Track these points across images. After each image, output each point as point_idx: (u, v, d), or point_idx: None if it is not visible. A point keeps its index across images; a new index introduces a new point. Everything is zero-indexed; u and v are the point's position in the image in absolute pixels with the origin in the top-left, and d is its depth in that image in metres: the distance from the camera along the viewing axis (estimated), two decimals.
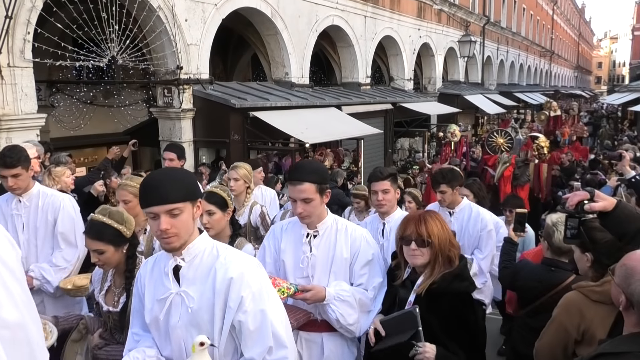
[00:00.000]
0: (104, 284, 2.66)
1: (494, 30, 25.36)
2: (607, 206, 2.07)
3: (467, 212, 3.94)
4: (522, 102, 26.37)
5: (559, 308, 2.26)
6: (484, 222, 3.86)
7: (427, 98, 16.93)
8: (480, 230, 3.84)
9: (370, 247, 2.58)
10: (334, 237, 2.55)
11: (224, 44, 12.26)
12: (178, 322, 1.88)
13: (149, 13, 7.57)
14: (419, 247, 2.25)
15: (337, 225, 2.58)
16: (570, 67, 54.41)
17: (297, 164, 2.62)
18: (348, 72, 13.69)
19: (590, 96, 49.89)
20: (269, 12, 9.98)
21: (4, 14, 5.64)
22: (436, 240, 2.24)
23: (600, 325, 2.03)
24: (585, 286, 2.17)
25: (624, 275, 1.70)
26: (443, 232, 2.28)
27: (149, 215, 1.82)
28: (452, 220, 3.88)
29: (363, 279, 2.56)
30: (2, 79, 5.87)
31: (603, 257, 2.20)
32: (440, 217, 2.35)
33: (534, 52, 35.77)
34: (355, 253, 2.54)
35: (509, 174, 7.65)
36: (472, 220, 3.90)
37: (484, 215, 3.91)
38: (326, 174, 2.62)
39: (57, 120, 10.28)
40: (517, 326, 2.92)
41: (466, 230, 3.90)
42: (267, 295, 1.88)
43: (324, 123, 9.84)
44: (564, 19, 49.23)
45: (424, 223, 2.26)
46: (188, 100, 8.42)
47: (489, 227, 3.85)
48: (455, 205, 3.94)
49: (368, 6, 13.52)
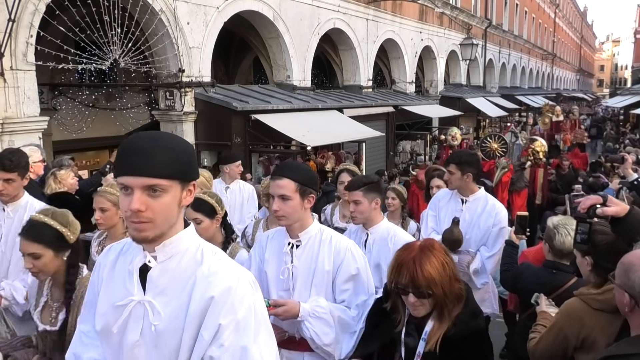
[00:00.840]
0: (39, 299, 2.30)
1: (496, 33, 25.36)
2: (619, 211, 2.04)
3: (481, 204, 3.65)
4: (524, 105, 26.35)
5: (560, 314, 2.24)
6: (498, 218, 3.59)
7: (429, 101, 16.93)
8: (492, 225, 3.59)
9: (355, 260, 2.34)
10: (317, 247, 2.34)
11: (226, 47, 12.28)
12: (137, 340, 1.42)
13: (151, 16, 7.59)
14: (419, 298, 1.88)
15: (321, 235, 2.37)
16: (572, 70, 54.37)
17: (282, 162, 2.66)
18: (350, 75, 13.69)
19: (593, 99, 49.85)
20: (271, 15, 10.00)
21: (7, 17, 5.66)
22: (439, 289, 1.84)
23: (601, 333, 2.01)
24: (586, 293, 2.14)
25: (623, 271, 1.71)
26: (444, 273, 1.87)
27: (120, 186, 1.37)
28: (464, 209, 3.66)
29: (345, 295, 2.33)
30: (5, 82, 5.88)
31: (602, 261, 2.17)
32: (438, 251, 1.92)
33: (536, 55, 35.76)
34: (338, 266, 2.32)
35: (507, 180, 7.48)
36: (485, 213, 3.62)
37: (499, 210, 3.62)
38: (311, 177, 2.36)
39: (59, 123, 10.30)
40: (519, 329, 2.91)
41: (477, 223, 3.64)
42: (255, 326, 1.40)
43: (326, 126, 9.84)
44: (566, 22, 49.23)
45: (420, 269, 1.83)
46: (190, 103, 8.43)
47: (502, 224, 3.59)
48: (469, 194, 3.67)
49: (370, 9, 13.54)
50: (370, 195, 2.91)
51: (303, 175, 2.30)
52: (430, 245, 1.95)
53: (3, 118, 5.87)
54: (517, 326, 3.03)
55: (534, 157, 7.77)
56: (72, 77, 10.68)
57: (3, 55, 5.78)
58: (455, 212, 3.68)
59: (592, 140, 22.58)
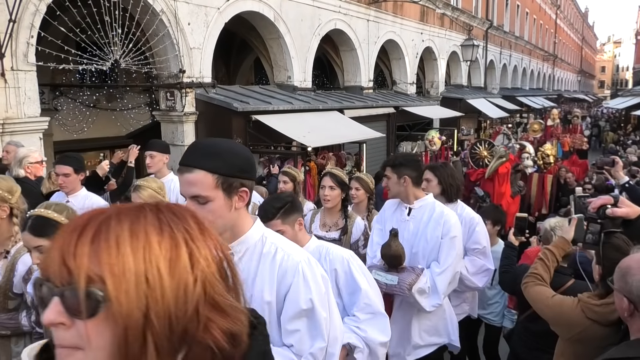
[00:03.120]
0: None
1: (497, 34, 25.36)
2: (630, 213, 1.98)
3: (427, 211, 3.14)
4: (525, 106, 26.33)
5: (554, 307, 2.26)
6: (447, 227, 3.06)
7: (430, 102, 16.92)
8: (441, 236, 3.07)
9: (308, 287, 1.60)
10: (255, 264, 1.64)
11: (227, 47, 12.30)
12: None
13: (152, 17, 7.59)
14: None
15: (262, 244, 1.66)
16: (573, 71, 54.34)
17: (193, 143, 1.69)
18: (350, 75, 13.69)
19: (594, 100, 49.80)
20: (272, 16, 10.00)
21: (8, 17, 5.67)
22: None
23: (588, 341, 2.04)
24: (586, 301, 2.13)
25: (621, 275, 1.70)
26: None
27: None
28: (409, 220, 3.18)
29: (293, 339, 1.65)
30: (6, 83, 5.89)
31: (610, 275, 2.16)
32: None
33: (537, 56, 35.74)
34: (282, 295, 1.62)
35: (506, 172, 6.59)
36: (432, 221, 3.11)
37: (448, 217, 3.10)
38: (240, 160, 1.59)
39: (60, 123, 10.32)
40: (518, 331, 2.91)
41: (423, 235, 3.12)
42: None
43: (326, 127, 9.84)
44: (567, 23, 49.21)
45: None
46: (190, 104, 8.43)
47: (453, 234, 3.07)
48: (413, 200, 3.17)
49: (371, 10, 13.54)
50: (290, 220, 2.39)
51: (225, 161, 1.56)
52: None
53: (4, 118, 5.88)
54: (517, 327, 3.02)
55: (543, 161, 7.12)
56: (73, 78, 10.71)
57: (4, 56, 5.79)
58: (400, 223, 3.20)
59: (595, 139, 22.61)
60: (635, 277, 1.64)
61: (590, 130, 22.52)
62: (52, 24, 6.51)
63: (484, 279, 3.63)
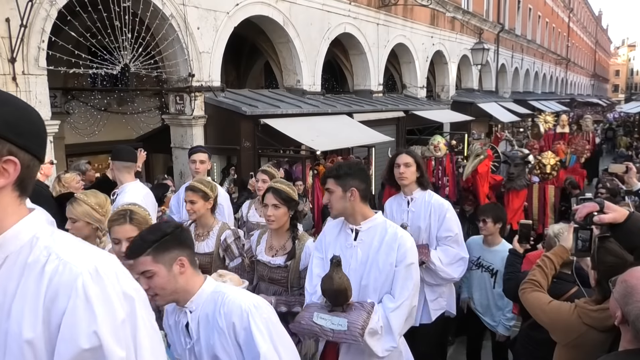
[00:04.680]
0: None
1: (509, 37, 25.21)
2: (617, 218, 1.97)
3: (378, 234, 2.56)
4: (537, 110, 26.12)
5: (551, 312, 2.24)
6: (402, 252, 2.49)
7: (440, 106, 16.86)
8: (395, 263, 2.50)
9: (92, 314, 1.07)
10: (15, 281, 1.10)
11: (237, 51, 12.36)
12: None
13: (162, 21, 7.66)
14: None
15: (31, 249, 1.13)
16: (586, 75, 53.86)
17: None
18: (360, 79, 13.69)
19: (607, 104, 49.28)
20: (281, 20, 10.04)
21: (19, 22, 5.75)
22: None
23: (585, 345, 2.02)
24: (582, 307, 2.13)
25: (623, 293, 1.66)
26: None
27: None
28: (356, 245, 2.59)
29: None
30: (17, 87, 5.97)
31: (605, 282, 2.14)
32: None
33: (550, 59, 35.47)
34: (54, 328, 1.08)
35: (486, 170, 6.05)
36: (385, 246, 2.53)
37: (403, 240, 2.53)
38: (6, 110, 1.09)
39: (72, 126, 10.46)
40: (521, 338, 2.88)
41: (374, 262, 2.54)
42: None
43: (335, 130, 9.84)
44: (581, 26, 48.80)
45: None
46: (200, 108, 8.48)
47: (409, 260, 2.51)
48: (360, 220, 2.60)
49: (380, 14, 13.54)
50: (165, 258, 1.89)
51: None
52: None
53: None
54: (519, 335, 2.99)
55: (541, 171, 6.59)
56: (85, 82, 10.84)
57: (15, 60, 5.87)
58: (344, 249, 2.63)
59: (609, 142, 22.33)
60: (637, 304, 1.60)
61: (604, 134, 22.26)
62: (64, 29, 6.59)
63: (459, 268, 3.49)
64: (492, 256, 4.05)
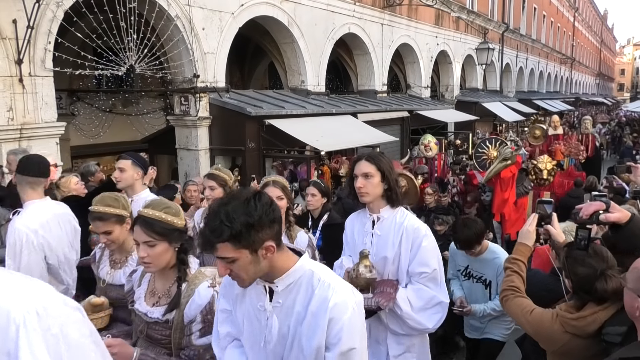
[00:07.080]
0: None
1: (513, 37, 25.16)
2: (621, 218, 2.04)
3: (301, 295, 1.70)
4: (541, 110, 26.08)
5: (534, 323, 2.25)
6: (335, 330, 1.60)
7: (445, 106, 16.85)
8: (326, 345, 1.63)
9: None
10: None
11: (242, 52, 12.38)
12: None
13: (167, 22, 7.68)
14: None
15: None
16: (591, 74, 53.69)
17: None
18: (364, 79, 13.69)
19: (613, 103, 49.08)
20: (286, 20, 10.05)
21: (26, 24, 5.78)
22: None
23: (574, 352, 2.03)
24: (562, 315, 2.13)
25: (637, 277, 1.68)
26: None
27: None
28: (271, 311, 1.73)
29: None
30: (24, 88, 6.00)
31: (580, 292, 2.14)
32: None
33: (555, 59, 35.38)
34: None
35: (510, 176, 5.68)
36: (309, 318, 1.65)
37: (338, 311, 1.60)
38: None
39: (77, 128, 10.50)
40: (529, 336, 2.87)
41: (296, 339, 1.70)
42: None
43: (340, 131, 9.85)
44: (586, 25, 48.65)
45: None
46: (204, 109, 8.50)
47: (345, 345, 1.61)
48: (275, 276, 1.71)
49: (385, 14, 13.53)
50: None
51: None
52: None
53: (21, 124, 5.98)
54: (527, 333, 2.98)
55: (536, 176, 6.39)
56: (90, 83, 10.88)
57: (22, 62, 5.89)
58: (258, 314, 1.86)
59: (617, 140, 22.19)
60: None
61: (609, 135, 22.12)
62: (70, 30, 6.62)
63: (435, 316, 2.63)
64: (481, 265, 3.75)
